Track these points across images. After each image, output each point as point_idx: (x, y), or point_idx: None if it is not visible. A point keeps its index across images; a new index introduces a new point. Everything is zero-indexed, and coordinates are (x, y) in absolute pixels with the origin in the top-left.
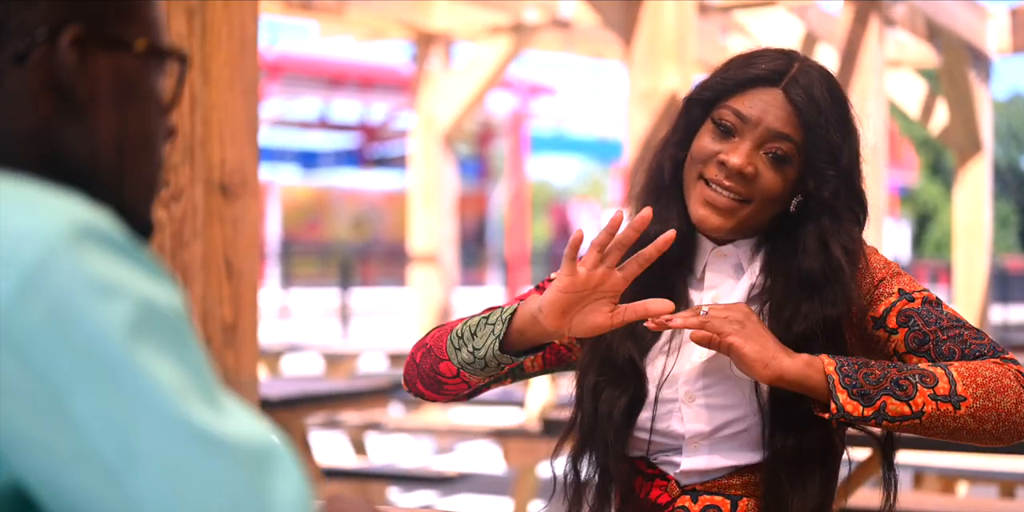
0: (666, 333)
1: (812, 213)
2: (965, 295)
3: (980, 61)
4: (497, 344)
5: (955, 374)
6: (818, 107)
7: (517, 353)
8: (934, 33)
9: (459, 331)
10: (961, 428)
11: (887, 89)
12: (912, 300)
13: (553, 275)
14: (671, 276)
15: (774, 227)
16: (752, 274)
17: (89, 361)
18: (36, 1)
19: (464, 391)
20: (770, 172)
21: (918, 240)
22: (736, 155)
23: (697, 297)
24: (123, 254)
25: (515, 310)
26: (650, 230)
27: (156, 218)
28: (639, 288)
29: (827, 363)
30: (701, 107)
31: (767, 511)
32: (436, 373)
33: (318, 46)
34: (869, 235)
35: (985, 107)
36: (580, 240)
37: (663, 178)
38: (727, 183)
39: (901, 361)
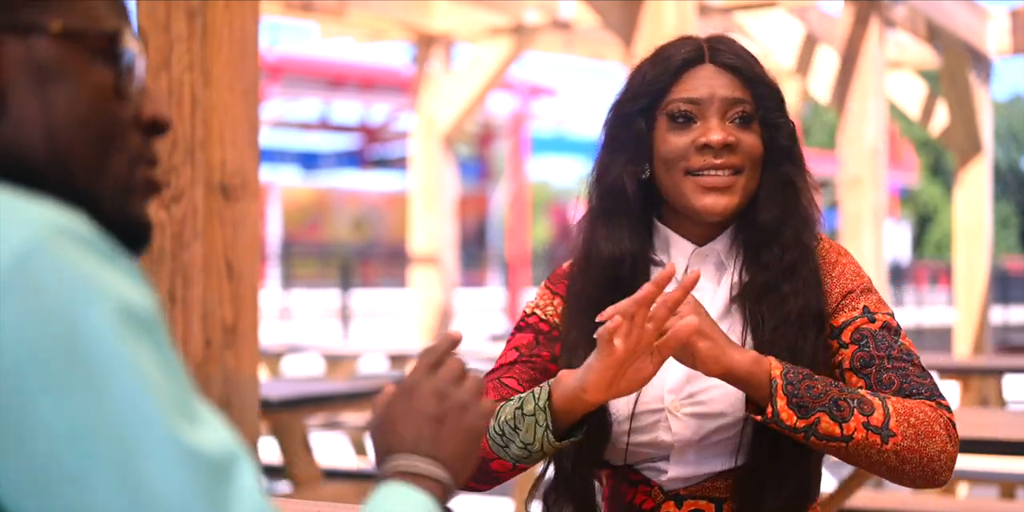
0: None
1: (773, 164)
2: (965, 296)
3: (980, 62)
4: (550, 435)
5: (891, 408)
6: (749, 62)
7: (570, 432)
8: (934, 34)
9: (497, 429)
10: (882, 463)
11: (887, 90)
12: (873, 321)
13: (537, 311)
14: (632, 281)
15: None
16: (733, 273)
17: (61, 366)
18: None
19: (521, 471)
20: (745, 135)
21: (918, 241)
22: (713, 132)
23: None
24: (100, 256)
25: (549, 394)
26: (603, 250)
27: (146, 215)
28: (602, 293)
29: (774, 366)
30: (640, 116)
31: (758, 505)
32: (490, 471)
33: (318, 47)
34: (870, 236)
35: (985, 108)
36: (615, 323)
37: (625, 197)
38: (719, 161)
39: (842, 378)
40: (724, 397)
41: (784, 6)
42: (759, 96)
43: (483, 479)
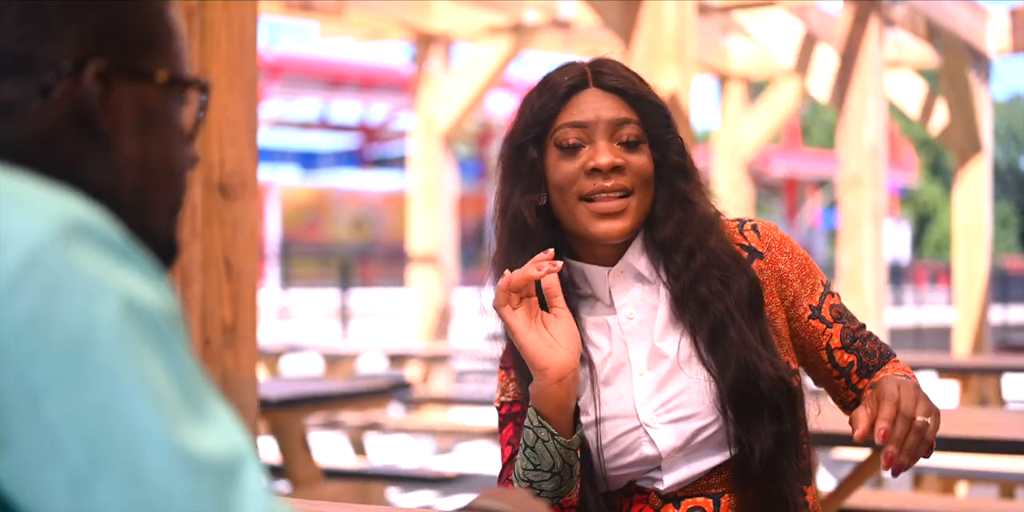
0: (585, 373)
1: (665, 181)
2: (965, 296)
3: (980, 61)
4: (560, 439)
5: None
6: (632, 81)
7: (573, 431)
8: (934, 33)
9: (523, 482)
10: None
11: (887, 89)
12: (832, 295)
13: (504, 398)
14: (577, 317)
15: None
16: (658, 281)
17: (67, 364)
18: (62, 34)
19: (573, 508)
20: (633, 156)
21: (918, 241)
22: (600, 155)
23: (614, 321)
24: (114, 253)
25: (536, 413)
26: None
27: (177, 232)
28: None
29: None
30: (533, 145)
31: (739, 504)
32: None
33: (318, 47)
34: (870, 236)
35: (985, 107)
36: (506, 286)
37: (527, 226)
38: (608, 184)
39: (832, 356)
40: (693, 399)
41: (783, 5)
42: (645, 115)
43: None
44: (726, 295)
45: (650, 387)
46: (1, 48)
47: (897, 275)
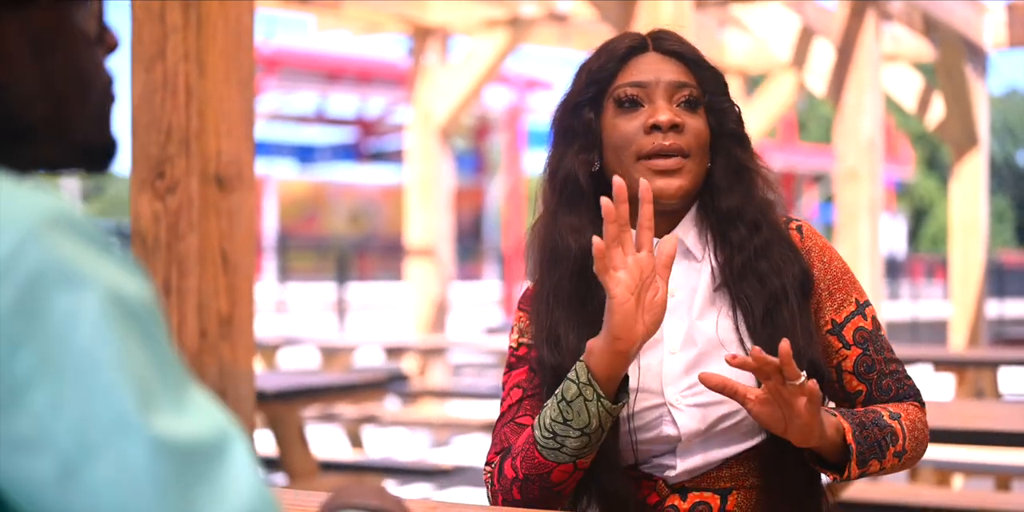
0: None
1: (723, 150)
2: (961, 290)
3: (976, 56)
4: (605, 402)
5: (906, 430)
6: (691, 48)
7: (618, 399)
8: (931, 27)
9: (546, 432)
10: (888, 471)
11: (883, 83)
12: (865, 317)
13: (522, 341)
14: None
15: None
16: (708, 259)
17: (52, 353)
18: None
19: (582, 470)
20: (691, 119)
21: (914, 235)
22: (660, 112)
23: None
24: (95, 245)
25: (588, 370)
26: (570, 243)
27: (113, 132)
28: (585, 297)
29: (847, 429)
30: (588, 105)
31: (766, 491)
32: (552, 485)
33: (315, 40)
34: (866, 230)
35: (981, 102)
36: (602, 251)
37: (580, 187)
38: (667, 143)
39: (840, 378)
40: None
41: None
42: (703, 81)
43: (547, 496)
44: (784, 274)
45: (679, 367)
46: None
47: (893, 269)
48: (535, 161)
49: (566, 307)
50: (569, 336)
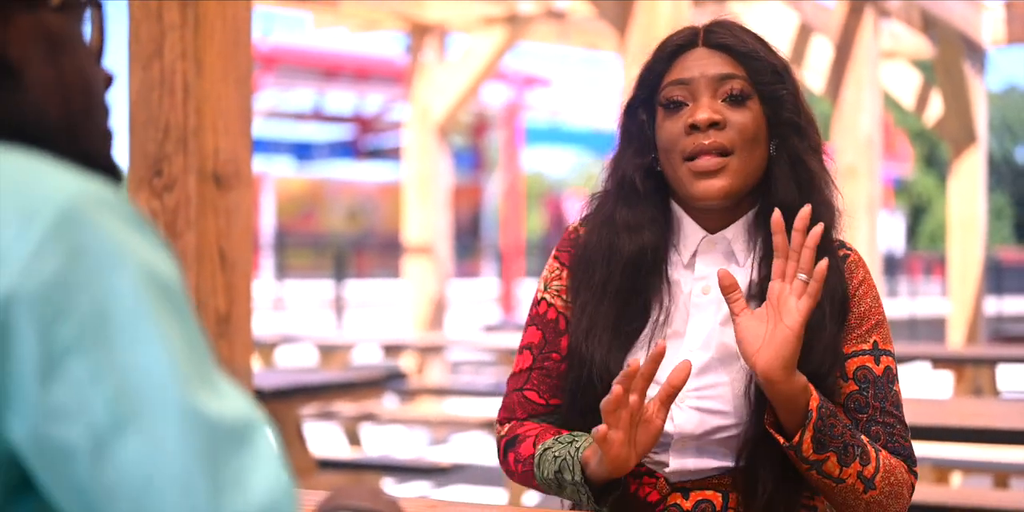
0: (645, 333)
1: (780, 138)
2: (959, 287)
3: (975, 52)
4: (594, 504)
5: (882, 465)
6: (743, 39)
7: (612, 487)
8: (929, 24)
9: (540, 479)
10: (852, 507)
11: (882, 80)
12: (878, 363)
13: (546, 296)
14: (654, 271)
15: (762, 194)
16: (749, 267)
17: (92, 324)
18: None
19: None
20: (736, 114)
21: (912, 232)
22: (699, 112)
23: (687, 285)
24: (131, 224)
25: (583, 472)
26: (625, 245)
27: (115, 160)
28: (630, 297)
29: (813, 397)
30: (642, 107)
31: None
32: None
33: (312, 37)
34: (864, 227)
35: (980, 99)
36: (614, 403)
37: (637, 189)
38: (707, 142)
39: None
40: (728, 397)
41: None
42: (753, 71)
43: None
44: (825, 298)
45: (692, 368)
46: None
47: (892, 266)
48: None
49: (612, 300)
50: (604, 335)
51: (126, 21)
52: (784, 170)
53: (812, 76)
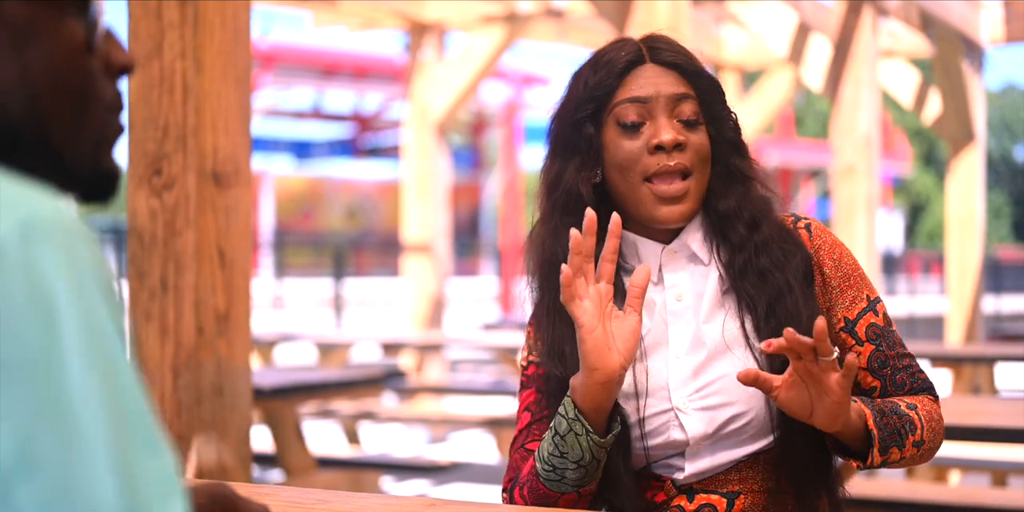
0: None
1: (721, 157)
2: (958, 286)
3: (973, 51)
4: (595, 437)
5: (924, 421)
6: (687, 56)
7: (608, 430)
8: (928, 23)
9: (546, 465)
10: (907, 462)
11: (880, 79)
12: (876, 313)
13: (531, 359)
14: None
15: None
16: (715, 263)
17: (22, 359)
18: None
19: (591, 495)
20: (693, 135)
21: (911, 230)
22: (662, 132)
23: (660, 299)
24: (71, 256)
25: (574, 405)
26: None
27: (115, 163)
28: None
29: (867, 415)
30: (589, 121)
31: (774, 494)
32: (556, 501)
33: (311, 36)
34: (863, 225)
35: (978, 97)
36: (569, 279)
37: (583, 202)
38: (672, 163)
39: None
40: (731, 387)
41: None
42: (702, 90)
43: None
44: (786, 267)
45: (686, 372)
46: None
47: (890, 265)
48: (532, 157)
49: (561, 320)
50: (574, 351)
51: (125, 19)
52: (725, 183)
53: (811, 75)
